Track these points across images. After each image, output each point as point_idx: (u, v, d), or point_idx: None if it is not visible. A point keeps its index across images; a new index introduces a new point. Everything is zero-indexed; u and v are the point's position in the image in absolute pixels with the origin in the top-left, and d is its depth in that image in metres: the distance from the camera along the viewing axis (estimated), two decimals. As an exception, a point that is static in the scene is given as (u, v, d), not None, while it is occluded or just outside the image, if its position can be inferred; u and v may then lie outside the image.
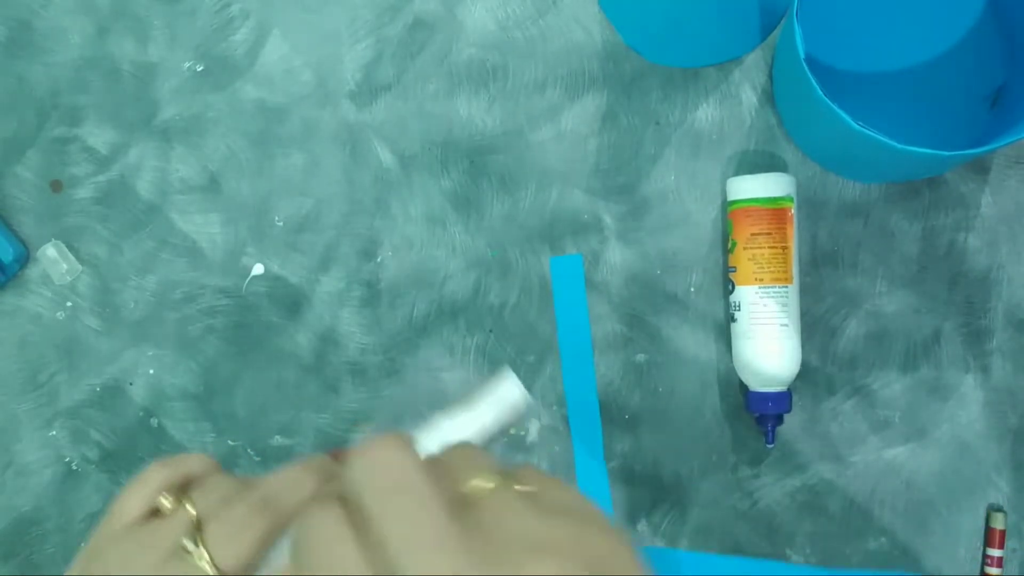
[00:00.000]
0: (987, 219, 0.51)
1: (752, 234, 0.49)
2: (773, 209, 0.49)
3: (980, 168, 0.51)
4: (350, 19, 0.54)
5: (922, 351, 0.51)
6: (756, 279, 0.49)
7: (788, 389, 0.49)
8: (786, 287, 0.49)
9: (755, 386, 0.49)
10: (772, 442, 0.49)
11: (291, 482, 0.32)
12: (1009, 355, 0.50)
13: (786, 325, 0.49)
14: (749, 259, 0.49)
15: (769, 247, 0.48)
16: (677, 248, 0.52)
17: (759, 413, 0.49)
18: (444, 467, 0.25)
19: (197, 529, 0.30)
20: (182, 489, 0.32)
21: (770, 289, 0.48)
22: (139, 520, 0.31)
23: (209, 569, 0.29)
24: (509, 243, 0.53)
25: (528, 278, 0.52)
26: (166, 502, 0.31)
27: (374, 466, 0.24)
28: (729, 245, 0.50)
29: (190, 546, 0.30)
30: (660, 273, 0.52)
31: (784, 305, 0.49)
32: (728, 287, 0.50)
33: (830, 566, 0.50)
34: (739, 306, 0.49)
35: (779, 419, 0.49)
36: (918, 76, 0.51)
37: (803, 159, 0.52)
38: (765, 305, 0.48)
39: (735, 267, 0.49)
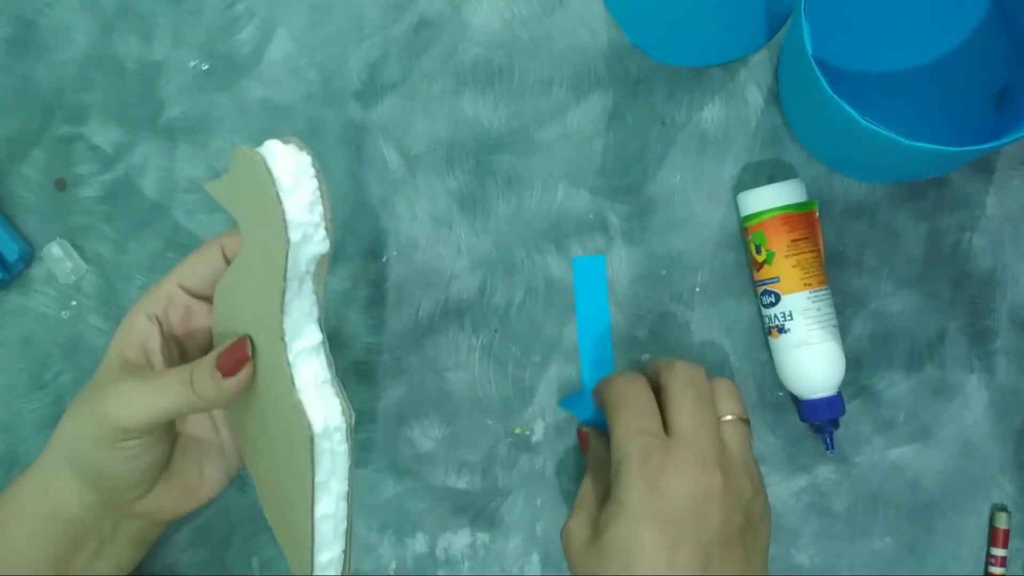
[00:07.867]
0: (991, 219, 0.51)
1: (793, 240, 0.48)
2: (806, 214, 0.49)
3: (984, 169, 0.51)
4: (356, 18, 0.54)
5: (927, 351, 0.51)
6: (805, 285, 0.48)
7: (839, 391, 0.49)
8: (827, 289, 0.49)
9: (809, 394, 0.49)
10: (832, 448, 0.49)
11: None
12: (1013, 355, 0.51)
13: (836, 326, 0.49)
14: (794, 266, 0.48)
15: (810, 251, 0.48)
16: (683, 248, 0.52)
17: (821, 421, 0.49)
18: None
19: None
20: None
21: (818, 292, 0.48)
22: None
23: None
24: (515, 243, 0.53)
25: (534, 278, 0.53)
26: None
27: None
28: (763, 257, 0.49)
29: None
30: (666, 273, 0.52)
31: (831, 306, 0.49)
32: (768, 300, 0.49)
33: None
34: (790, 315, 0.48)
35: (836, 423, 0.49)
36: (923, 76, 0.51)
37: (808, 159, 0.52)
38: (819, 309, 0.48)
39: (777, 277, 0.49)
